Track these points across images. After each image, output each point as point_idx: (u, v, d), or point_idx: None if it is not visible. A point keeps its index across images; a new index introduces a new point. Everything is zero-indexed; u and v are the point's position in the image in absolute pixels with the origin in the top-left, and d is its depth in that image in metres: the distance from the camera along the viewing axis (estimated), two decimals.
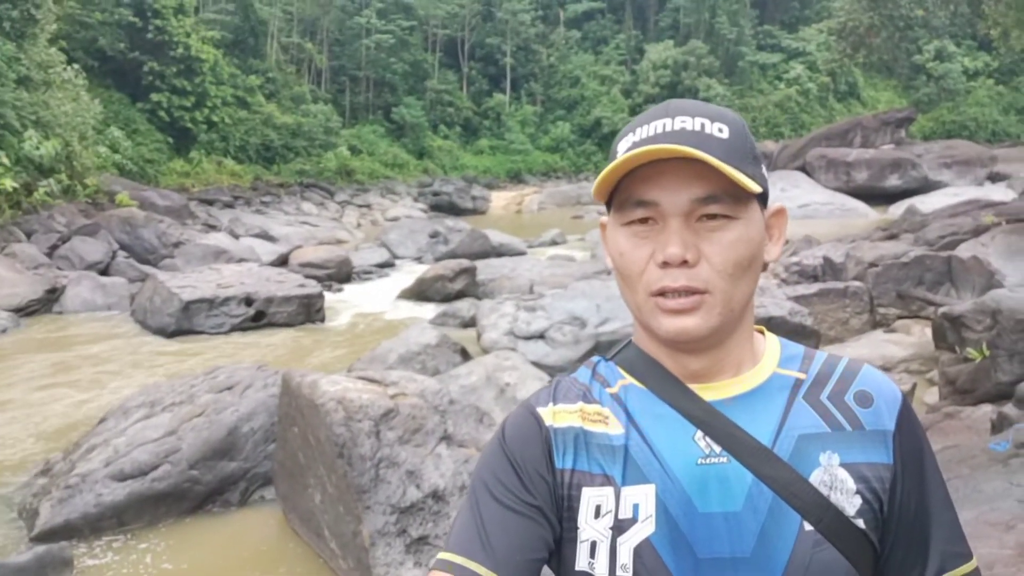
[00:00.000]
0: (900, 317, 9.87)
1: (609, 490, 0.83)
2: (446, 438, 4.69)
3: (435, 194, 33.86)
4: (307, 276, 13.40)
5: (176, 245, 15.87)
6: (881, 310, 10.00)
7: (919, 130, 42.00)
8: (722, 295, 0.82)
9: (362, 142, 36.89)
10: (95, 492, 5.11)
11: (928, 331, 8.20)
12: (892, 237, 13.51)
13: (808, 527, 0.79)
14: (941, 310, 7.07)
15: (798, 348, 0.92)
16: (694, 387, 0.86)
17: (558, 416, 0.88)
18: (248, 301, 11.17)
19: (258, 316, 11.17)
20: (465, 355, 8.30)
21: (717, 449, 0.82)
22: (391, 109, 40.32)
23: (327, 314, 12.03)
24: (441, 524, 4.34)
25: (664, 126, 0.82)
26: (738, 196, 0.81)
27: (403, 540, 4.23)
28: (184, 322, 10.64)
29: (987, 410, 5.16)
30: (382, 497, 4.27)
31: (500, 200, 35.63)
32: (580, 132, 45.66)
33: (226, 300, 10.99)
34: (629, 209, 0.84)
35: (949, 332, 6.64)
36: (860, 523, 0.81)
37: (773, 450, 0.82)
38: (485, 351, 8.37)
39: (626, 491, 0.82)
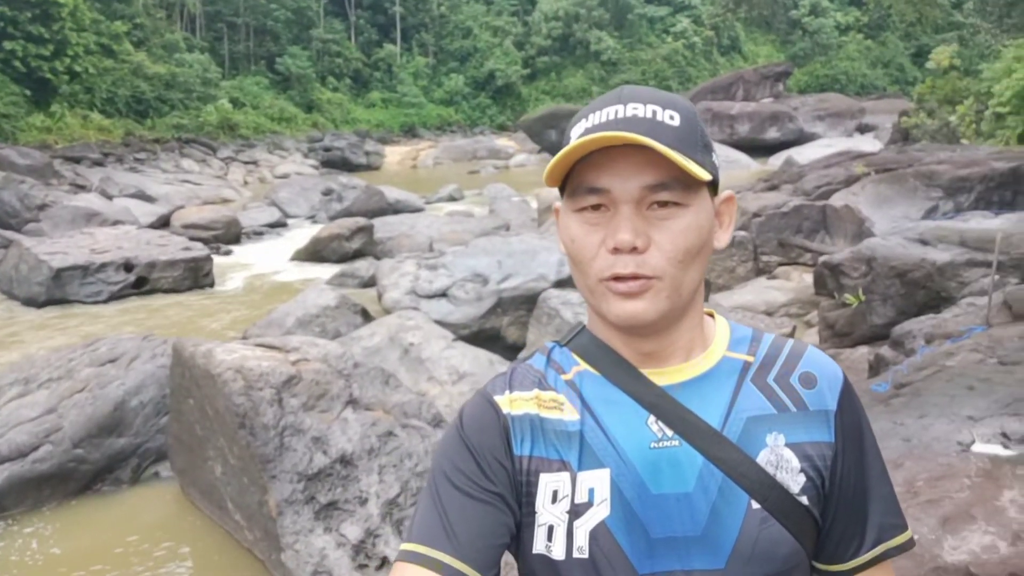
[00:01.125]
0: (781, 264, 10.44)
1: (565, 475, 0.85)
2: (352, 402, 4.61)
3: (326, 149, 32.72)
4: (192, 238, 12.76)
5: (41, 208, 14.65)
6: (764, 258, 10.53)
7: (795, 83, 44.08)
8: (671, 281, 0.83)
9: (245, 94, 35.03)
10: None
11: (806, 277, 8.72)
12: (773, 188, 14.17)
13: (755, 505, 0.82)
14: (822, 259, 7.51)
15: (746, 331, 0.95)
16: (646, 372, 0.88)
17: (515, 403, 0.89)
18: (127, 267, 10.51)
19: (140, 283, 10.54)
20: (366, 316, 8.15)
21: (669, 433, 0.85)
22: (275, 59, 38.40)
23: (216, 278, 11.51)
24: (350, 488, 4.28)
25: (616, 113, 0.83)
26: (688, 183, 0.82)
27: (311, 507, 4.15)
28: (56, 291, 9.92)
29: (864, 351, 5.54)
30: (288, 465, 4.16)
31: (394, 155, 34.88)
32: (474, 85, 45.11)
33: (102, 266, 10.30)
34: (581, 196, 0.84)
35: (829, 279, 7.07)
36: (804, 500, 0.85)
37: (723, 432, 0.85)
38: (387, 311, 8.24)
39: (582, 476, 0.84)
